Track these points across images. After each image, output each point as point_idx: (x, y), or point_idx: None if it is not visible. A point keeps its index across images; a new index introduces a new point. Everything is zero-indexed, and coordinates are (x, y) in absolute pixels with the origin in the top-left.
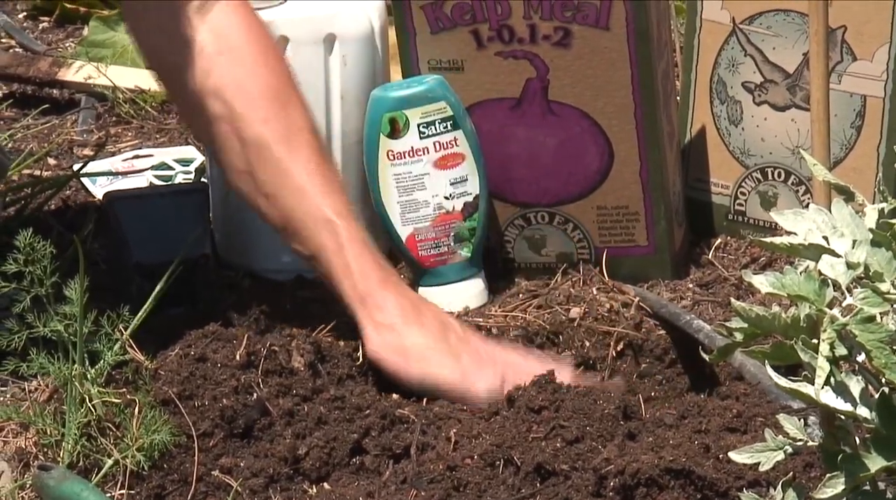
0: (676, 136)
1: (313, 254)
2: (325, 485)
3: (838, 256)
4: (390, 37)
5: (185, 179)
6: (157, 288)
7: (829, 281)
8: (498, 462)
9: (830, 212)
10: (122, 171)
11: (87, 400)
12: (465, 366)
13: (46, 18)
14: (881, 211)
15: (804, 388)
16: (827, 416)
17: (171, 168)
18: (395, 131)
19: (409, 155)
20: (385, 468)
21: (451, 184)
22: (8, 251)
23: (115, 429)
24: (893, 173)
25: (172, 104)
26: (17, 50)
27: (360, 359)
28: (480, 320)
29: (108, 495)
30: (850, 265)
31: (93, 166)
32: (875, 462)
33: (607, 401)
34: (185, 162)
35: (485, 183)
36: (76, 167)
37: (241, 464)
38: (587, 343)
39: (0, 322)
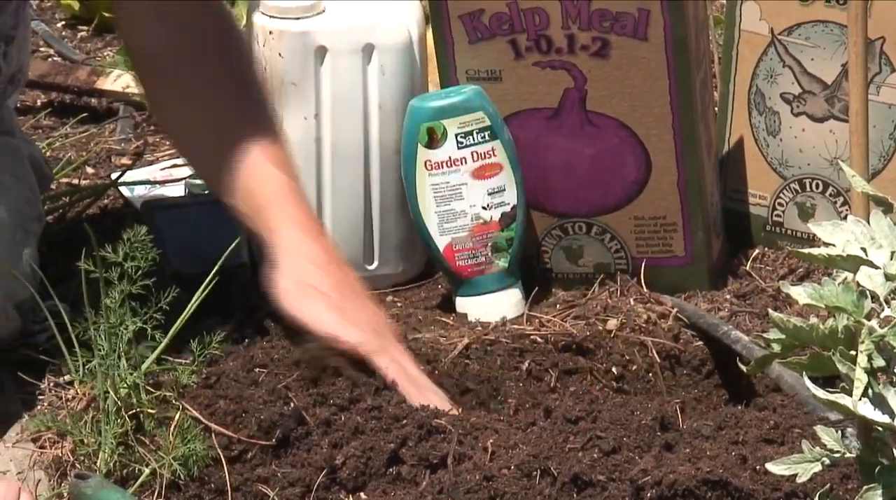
0: (714, 146)
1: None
2: (362, 495)
3: (876, 267)
4: (428, 47)
5: None
6: (195, 298)
7: (868, 292)
8: (535, 473)
9: (869, 223)
10: (159, 180)
11: (124, 409)
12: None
13: (85, 27)
14: None
15: (842, 399)
16: (864, 427)
17: None
18: (432, 141)
19: (446, 165)
20: (422, 479)
21: (489, 194)
22: (53, 258)
23: (152, 439)
24: None
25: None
26: (55, 59)
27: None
28: (518, 330)
29: None
30: (888, 277)
31: (131, 175)
32: None
33: (644, 412)
34: None
35: (522, 193)
36: (114, 176)
37: (278, 474)
38: (624, 354)
39: (34, 334)
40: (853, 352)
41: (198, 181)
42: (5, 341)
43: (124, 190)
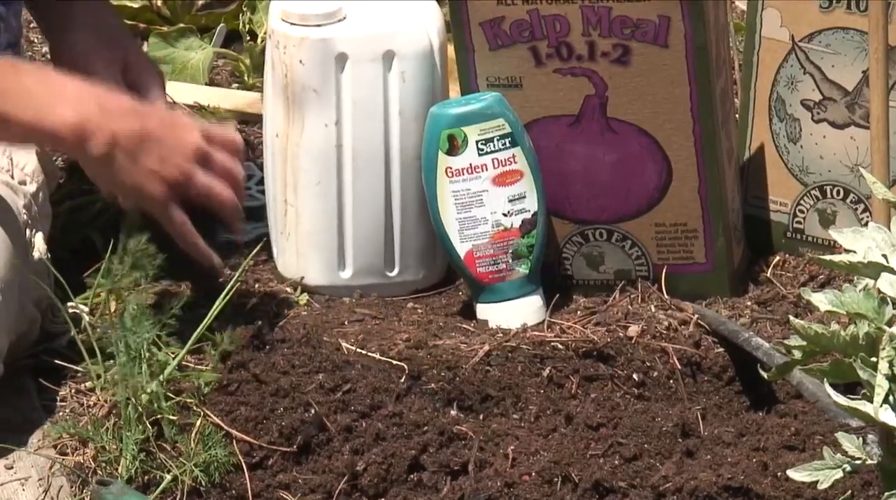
0: (735, 153)
1: None
2: None
3: None
4: (449, 54)
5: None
6: (216, 305)
7: (889, 299)
8: (556, 479)
9: (890, 230)
10: None
11: (145, 416)
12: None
13: None
14: None
15: (863, 406)
16: (886, 434)
17: None
18: (453, 148)
19: (467, 172)
20: (443, 485)
21: (510, 201)
22: (72, 263)
23: (173, 445)
24: None
25: None
26: None
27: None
28: (538, 336)
29: None
30: None
31: None
32: None
33: (665, 418)
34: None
35: (543, 200)
36: None
37: (299, 480)
38: (645, 361)
39: (55, 337)
40: (874, 359)
41: None
42: (27, 340)
43: None
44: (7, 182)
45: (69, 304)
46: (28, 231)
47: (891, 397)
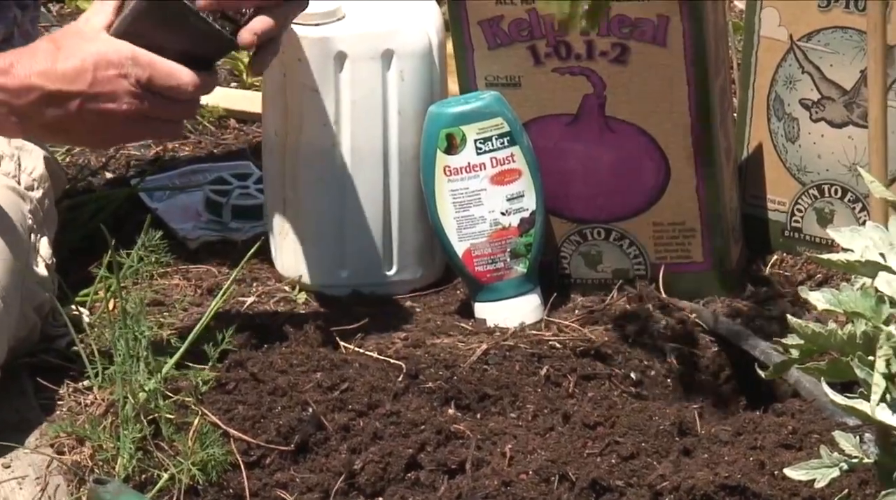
0: (733, 152)
1: None
2: None
3: (895, 273)
4: (448, 52)
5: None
6: (214, 303)
7: (886, 298)
8: (553, 478)
9: (887, 229)
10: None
11: (143, 415)
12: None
13: None
14: None
15: (860, 405)
16: (883, 433)
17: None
18: (451, 147)
19: (465, 171)
20: (440, 484)
21: (508, 200)
22: (73, 263)
23: (170, 444)
24: None
25: None
26: None
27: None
28: (536, 335)
29: None
30: None
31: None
32: None
33: (662, 417)
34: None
35: (541, 199)
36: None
37: (297, 479)
38: (643, 360)
39: (55, 339)
40: (871, 357)
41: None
42: (26, 344)
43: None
44: (13, 187)
45: (70, 306)
46: (33, 236)
47: (888, 396)
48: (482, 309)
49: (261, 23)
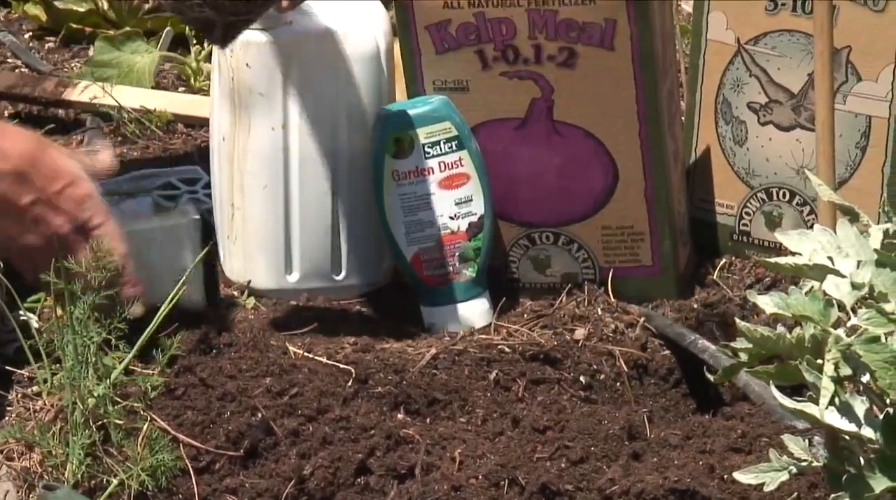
0: (681, 156)
1: None
2: None
3: (843, 276)
4: (396, 57)
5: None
6: (162, 309)
7: (834, 301)
8: (503, 482)
9: (835, 232)
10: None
11: (92, 420)
12: None
13: (52, 38)
14: (886, 231)
15: (809, 408)
16: (831, 436)
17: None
18: (400, 151)
19: (414, 175)
20: (390, 489)
21: (456, 204)
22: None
23: (120, 449)
24: None
25: None
26: (23, 70)
27: (367, 380)
28: (485, 339)
29: None
30: (854, 286)
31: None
32: (880, 483)
33: (612, 421)
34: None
35: (490, 203)
36: None
37: (247, 485)
38: (592, 364)
39: (3, 344)
40: (820, 361)
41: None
42: None
43: None
44: None
45: (18, 312)
46: None
47: (836, 400)
48: (431, 313)
49: None
